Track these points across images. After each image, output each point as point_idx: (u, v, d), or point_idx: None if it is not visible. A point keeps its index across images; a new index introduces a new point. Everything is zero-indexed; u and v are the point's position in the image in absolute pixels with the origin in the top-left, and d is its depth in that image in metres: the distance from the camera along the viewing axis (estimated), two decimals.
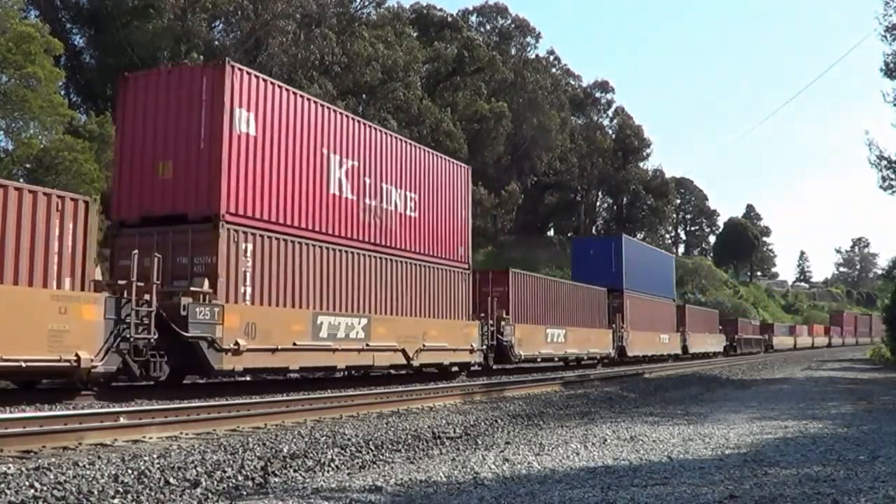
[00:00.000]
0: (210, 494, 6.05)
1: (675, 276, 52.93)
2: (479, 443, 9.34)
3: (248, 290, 15.83)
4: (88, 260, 13.27)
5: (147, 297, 13.77)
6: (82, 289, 13.02)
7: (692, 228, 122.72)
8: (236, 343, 15.01)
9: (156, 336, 13.73)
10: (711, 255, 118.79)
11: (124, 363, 13.37)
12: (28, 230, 12.45)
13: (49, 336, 12.11)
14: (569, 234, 79.62)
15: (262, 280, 16.17)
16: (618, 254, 38.84)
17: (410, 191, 21.65)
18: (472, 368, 24.61)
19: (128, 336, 13.26)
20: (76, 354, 12.36)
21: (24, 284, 12.25)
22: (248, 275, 15.89)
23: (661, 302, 44.88)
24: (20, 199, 12.39)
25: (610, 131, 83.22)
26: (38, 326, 11.99)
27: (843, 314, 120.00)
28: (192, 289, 14.65)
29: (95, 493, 5.83)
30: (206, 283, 14.86)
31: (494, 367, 26.48)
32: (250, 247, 15.95)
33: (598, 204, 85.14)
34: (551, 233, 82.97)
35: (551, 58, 79.83)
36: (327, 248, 18.12)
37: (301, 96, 17.94)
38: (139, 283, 13.52)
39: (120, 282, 13.65)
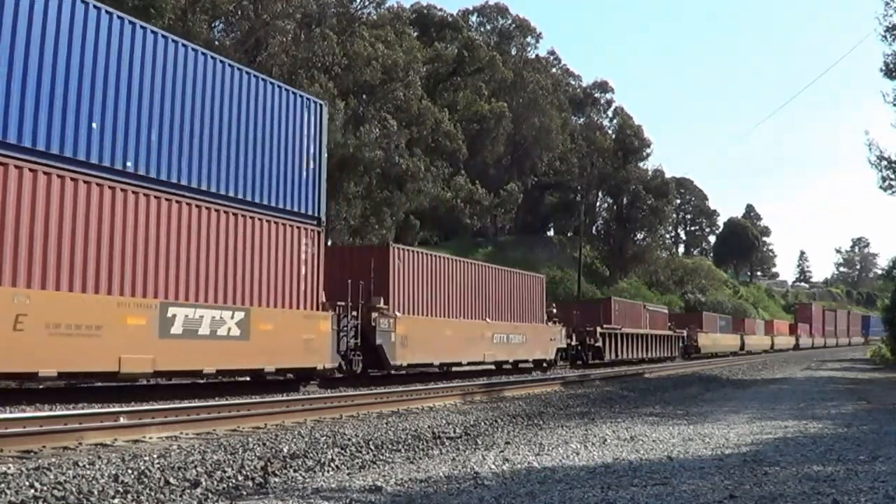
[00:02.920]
0: (210, 494, 6.05)
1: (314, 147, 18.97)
2: (479, 443, 9.34)
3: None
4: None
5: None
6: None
7: (692, 228, 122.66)
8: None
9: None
10: (711, 255, 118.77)
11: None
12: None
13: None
14: (569, 234, 79.67)
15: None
16: None
17: None
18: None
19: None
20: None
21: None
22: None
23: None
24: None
25: (610, 131, 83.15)
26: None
27: (811, 308, 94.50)
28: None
29: (95, 493, 5.83)
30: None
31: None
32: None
33: (598, 204, 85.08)
34: (551, 233, 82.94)
35: (551, 58, 79.88)
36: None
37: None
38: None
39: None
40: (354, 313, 18.93)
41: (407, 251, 22.54)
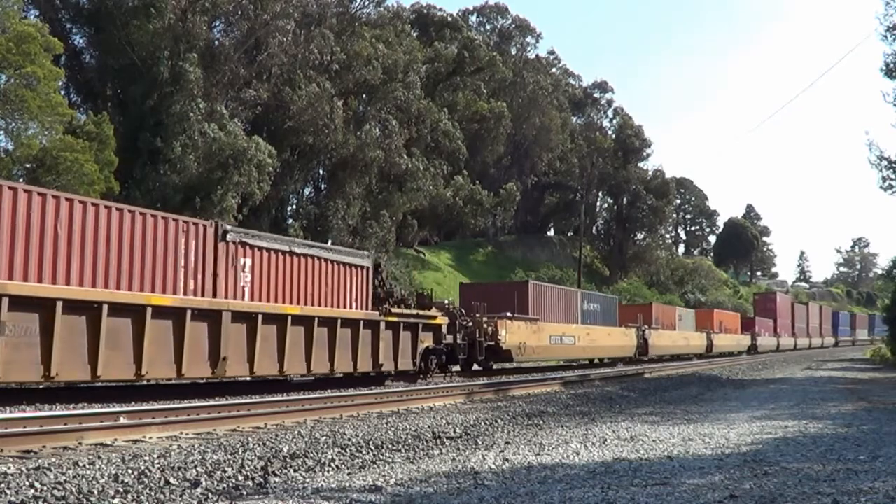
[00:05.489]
0: (210, 494, 6.05)
1: None
2: (479, 443, 9.34)
3: None
4: None
5: None
6: None
7: (692, 228, 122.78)
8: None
9: None
10: (711, 255, 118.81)
11: None
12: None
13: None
14: (569, 234, 79.68)
15: None
16: None
17: None
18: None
19: None
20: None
21: None
22: None
23: None
24: None
25: (610, 131, 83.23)
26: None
27: (775, 299, 70.11)
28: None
29: (95, 493, 5.83)
30: None
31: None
32: None
33: (598, 204, 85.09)
34: (551, 233, 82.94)
35: (551, 58, 79.90)
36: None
37: None
38: None
39: None
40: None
41: None
